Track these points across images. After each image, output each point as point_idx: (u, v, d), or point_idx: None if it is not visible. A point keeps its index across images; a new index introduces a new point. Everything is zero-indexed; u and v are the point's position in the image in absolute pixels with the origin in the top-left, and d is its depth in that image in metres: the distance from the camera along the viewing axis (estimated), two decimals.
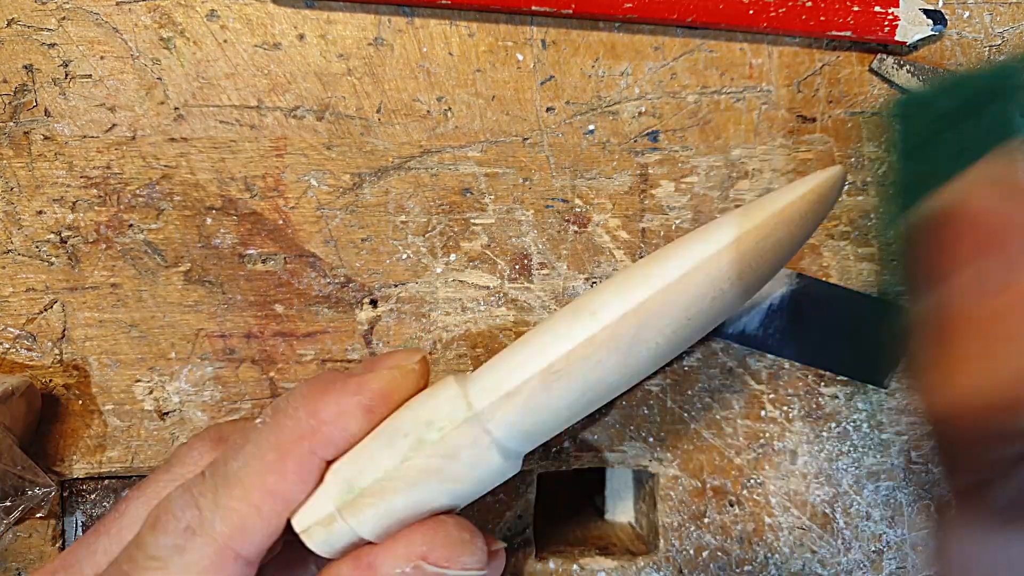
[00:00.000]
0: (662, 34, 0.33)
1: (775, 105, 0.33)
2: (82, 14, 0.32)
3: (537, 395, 0.23)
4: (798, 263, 0.34)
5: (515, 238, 0.34)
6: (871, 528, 0.35)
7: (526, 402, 0.23)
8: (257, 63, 0.32)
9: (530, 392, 0.23)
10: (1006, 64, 0.19)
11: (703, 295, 0.22)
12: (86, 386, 0.33)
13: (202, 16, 0.32)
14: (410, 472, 0.23)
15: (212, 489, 0.22)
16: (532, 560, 0.35)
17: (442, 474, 0.23)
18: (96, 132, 0.32)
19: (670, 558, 0.35)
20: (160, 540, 0.22)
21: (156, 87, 0.32)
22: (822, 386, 0.35)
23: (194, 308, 0.33)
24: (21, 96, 0.32)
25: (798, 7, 0.32)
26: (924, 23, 0.32)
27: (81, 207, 0.33)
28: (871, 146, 0.34)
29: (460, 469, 0.23)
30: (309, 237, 0.33)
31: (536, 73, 0.33)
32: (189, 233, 0.33)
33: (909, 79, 0.33)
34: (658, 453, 0.35)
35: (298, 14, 0.32)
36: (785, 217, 0.22)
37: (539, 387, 0.23)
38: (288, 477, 0.23)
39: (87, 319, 0.33)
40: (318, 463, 0.23)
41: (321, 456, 0.23)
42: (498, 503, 0.35)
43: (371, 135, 0.33)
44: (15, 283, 0.33)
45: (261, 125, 0.33)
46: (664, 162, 0.34)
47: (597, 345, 0.23)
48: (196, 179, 0.33)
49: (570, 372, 0.23)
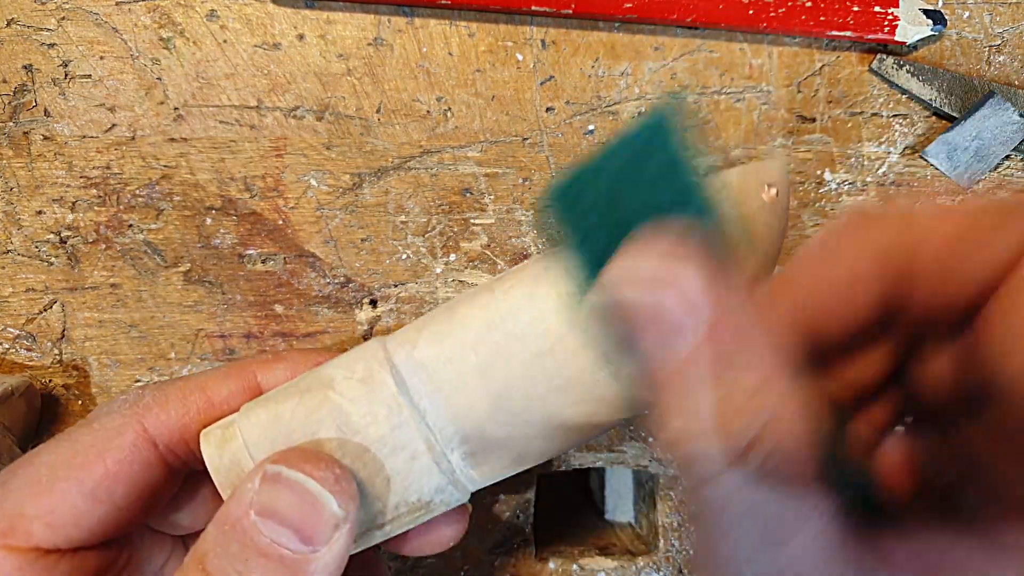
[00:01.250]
0: (662, 34, 0.33)
1: (775, 105, 0.33)
2: (82, 14, 0.32)
3: (439, 318, 0.23)
4: None
5: (515, 238, 0.34)
6: None
7: (425, 324, 0.23)
8: (257, 63, 0.32)
9: (432, 317, 0.23)
10: (655, 111, 0.17)
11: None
12: (86, 386, 0.33)
13: (202, 16, 0.32)
14: (303, 381, 0.23)
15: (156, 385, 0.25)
16: (532, 560, 0.35)
17: (333, 387, 0.23)
18: (96, 132, 0.32)
19: (670, 558, 0.35)
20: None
21: (156, 87, 0.32)
22: None
23: (194, 308, 0.33)
24: (21, 96, 0.32)
25: (798, 7, 0.32)
26: (924, 23, 0.32)
27: (81, 207, 0.33)
28: (871, 146, 0.34)
29: (352, 387, 0.23)
30: (309, 237, 0.33)
31: (536, 73, 0.33)
32: (189, 233, 0.33)
33: (909, 79, 0.33)
34: (658, 453, 0.35)
35: (298, 14, 0.32)
36: None
37: (442, 311, 0.23)
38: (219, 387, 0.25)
39: (87, 319, 0.33)
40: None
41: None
42: (498, 503, 0.35)
43: (371, 135, 0.33)
44: (15, 283, 0.33)
45: (261, 125, 0.33)
46: None
47: (506, 282, 0.23)
48: (196, 179, 0.33)
49: (463, 298, 0.23)
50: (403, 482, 0.23)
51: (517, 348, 0.22)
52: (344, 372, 0.23)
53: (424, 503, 0.23)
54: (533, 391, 0.22)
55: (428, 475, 0.23)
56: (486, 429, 0.23)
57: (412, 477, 0.23)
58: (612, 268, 0.16)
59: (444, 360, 0.22)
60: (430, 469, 0.23)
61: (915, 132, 0.34)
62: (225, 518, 0.21)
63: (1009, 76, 0.33)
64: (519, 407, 0.22)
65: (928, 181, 0.34)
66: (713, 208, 0.17)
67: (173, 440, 0.24)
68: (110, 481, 0.22)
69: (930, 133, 0.34)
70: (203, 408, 0.24)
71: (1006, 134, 0.32)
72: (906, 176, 0.34)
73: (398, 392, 0.22)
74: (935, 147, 0.33)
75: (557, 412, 0.22)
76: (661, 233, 0.16)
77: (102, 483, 0.22)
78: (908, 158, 0.34)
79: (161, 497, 0.25)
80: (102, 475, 0.22)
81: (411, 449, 0.22)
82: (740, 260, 0.17)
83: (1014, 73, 0.33)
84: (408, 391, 0.22)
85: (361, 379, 0.23)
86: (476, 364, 0.22)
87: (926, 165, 0.34)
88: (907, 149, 0.34)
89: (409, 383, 0.23)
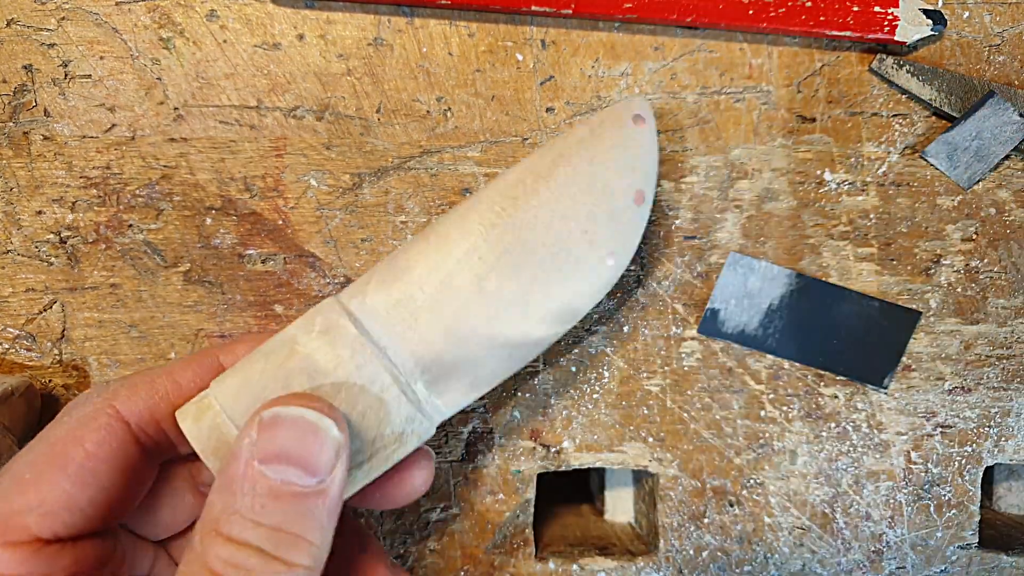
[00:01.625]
0: (662, 34, 0.33)
1: (775, 105, 0.33)
2: (81, 14, 0.32)
3: (383, 269, 0.26)
4: (797, 263, 0.34)
5: None
6: (871, 528, 0.35)
7: (371, 277, 0.26)
8: (257, 63, 0.32)
9: (375, 270, 0.26)
10: None
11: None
12: (86, 386, 0.33)
13: (202, 16, 0.32)
14: (266, 346, 0.25)
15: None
16: (532, 560, 0.35)
17: (296, 342, 0.25)
18: (95, 132, 0.32)
19: (670, 558, 0.35)
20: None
21: (156, 87, 0.32)
22: (822, 386, 0.35)
23: (194, 308, 0.33)
24: (21, 96, 0.32)
25: (798, 7, 0.32)
26: (924, 23, 0.32)
27: (81, 207, 0.33)
28: (871, 146, 0.34)
29: (315, 339, 0.25)
30: (309, 237, 0.33)
31: (536, 73, 0.33)
32: (189, 233, 0.33)
33: (909, 79, 0.33)
34: (658, 453, 0.35)
35: (298, 14, 0.32)
36: None
37: (384, 264, 0.26)
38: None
39: (87, 319, 0.33)
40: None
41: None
42: (498, 503, 0.35)
43: (371, 135, 0.33)
44: (14, 283, 0.33)
45: (261, 125, 0.33)
46: (664, 162, 0.34)
47: (440, 226, 0.27)
48: (196, 179, 0.33)
49: (401, 250, 0.27)
50: (376, 415, 0.25)
51: (458, 279, 0.26)
52: (304, 328, 0.25)
53: (397, 435, 0.25)
54: (476, 317, 0.26)
55: (397, 405, 0.25)
56: (442, 357, 0.26)
57: (384, 409, 0.25)
58: None
59: (394, 302, 0.25)
60: (398, 399, 0.25)
61: (915, 132, 0.34)
62: (228, 479, 0.21)
63: (1009, 76, 0.33)
64: (468, 331, 0.26)
65: (928, 181, 0.34)
66: None
67: (144, 420, 0.24)
68: (92, 462, 0.23)
69: (930, 133, 0.34)
70: (171, 390, 0.25)
71: (1006, 134, 0.32)
72: (906, 176, 0.34)
73: (359, 334, 0.25)
74: (935, 147, 0.33)
75: (501, 330, 0.26)
76: None
77: (85, 465, 0.23)
78: (908, 158, 0.34)
79: (142, 483, 0.25)
80: (83, 458, 0.23)
81: (379, 383, 0.25)
82: None
83: (1014, 73, 0.33)
84: (367, 332, 0.25)
85: (322, 330, 0.25)
86: (424, 301, 0.26)
87: (926, 165, 0.34)
88: (907, 149, 0.34)
89: (367, 326, 0.25)
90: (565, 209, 0.27)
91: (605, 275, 0.28)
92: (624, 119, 0.28)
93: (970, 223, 0.34)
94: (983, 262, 0.34)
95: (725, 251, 0.34)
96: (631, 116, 0.28)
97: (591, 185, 0.27)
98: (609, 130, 0.28)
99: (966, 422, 0.35)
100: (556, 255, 0.26)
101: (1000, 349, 0.34)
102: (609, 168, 0.27)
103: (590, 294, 0.28)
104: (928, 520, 0.35)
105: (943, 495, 0.35)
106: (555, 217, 0.27)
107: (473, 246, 0.26)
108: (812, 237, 0.34)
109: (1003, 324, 0.34)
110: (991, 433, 0.35)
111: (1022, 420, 0.35)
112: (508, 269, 0.26)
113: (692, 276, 0.34)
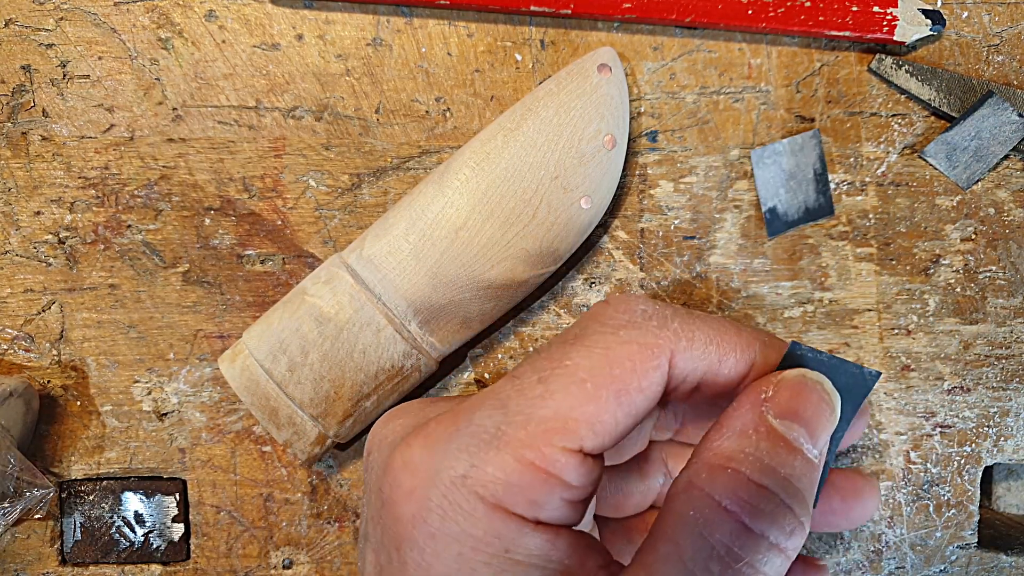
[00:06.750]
0: (661, 34, 0.33)
1: (774, 105, 0.33)
2: (80, 14, 0.32)
3: (377, 226, 0.30)
4: (797, 263, 0.34)
5: None
6: (870, 528, 0.35)
7: (367, 233, 0.30)
8: (255, 63, 0.32)
9: (371, 227, 0.30)
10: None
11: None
12: (84, 387, 0.33)
13: (200, 16, 0.32)
14: (286, 296, 0.30)
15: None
16: None
17: (306, 292, 0.30)
18: (94, 132, 0.32)
19: None
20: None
21: (154, 87, 0.32)
22: None
23: (192, 309, 0.33)
24: (19, 96, 0.32)
25: (797, 7, 0.32)
26: (923, 23, 0.32)
27: (79, 208, 0.33)
28: (870, 146, 0.34)
29: (320, 288, 0.29)
30: (308, 238, 0.33)
31: (535, 73, 0.33)
32: (187, 234, 0.33)
33: (908, 79, 0.33)
34: None
35: (296, 14, 0.32)
36: None
37: (378, 221, 0.30)
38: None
39: (85, 320, 0.33)
40: None
41: None
42: None
43: (370, 135, 0.33)
44: (13, 284, 0.33)
45: (259, 125, 0.33)
46: (663, 162, 0.34)
47: (422, 185, 0.30)
48: (194, 179, 0.33)
49: (391, 208, 0.30)
50: (376, 352, 0.29)
51: (437, 230, 0.29)
52: (312, 280, 0.30)
53: (397, 368, 0.30)
54: (459, 260, 0.29)
55: (394, 343, 0.29)
56: (431, 299, 0.29)
57: (382, 347, 0.29)
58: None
59: (385, 253, 0.29)
60: (394, 337, 0.29)
61: (914, 132, 0.34)
62: (742, 423, 0.21)
63: (1008, 76, 0.33)
64: (451, 276, 0.29)
65: (927, 181, 0.34)
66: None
67: (679, 379, 0.23)
68: (640, 398, 0.22)
69: (929, 133, 0.34)
70: (719, 358, 0.23)
71: (1005, 134, 0.32)
72: (905, 176, 0.34)
73: (355, 282, 0.29)
74: (934, 147, 0.33)
75: (482, 274, 0.29)
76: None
77: (635, 399, 0.22)
78: (907, 158, 0.34)
79: (644, 438, 0.26)
80: (635, 390, 0.22)
81: (375, 324, 0.29)
82: None
83: (1013, 73, 0.33)
84: (363, 281, 0.29)
85: (325, 281, 0.29)
86: (410, 250, 0.29)
87: (925, 165, 0.34)
88: (906, 149, 0.34)
89: (363, 275, 0.29)
90: (534, 159, 0.29)
91: (582, 217, 0.30)
92: (589, 69, 0.30)
93: (969, 223, 0.34)
94: (982, 262, 0.34)
95: (725, 251, 0.34)
96: (596, 65, 0.30)
97: (559, 134, 0.29)
98: (575, 81, 0.29)
99: (965, 422, 0.35)
100: (529, 201, 0.29)
101: (999, 349, 0.34)
102: (575, 116, 0.29)
103: (568, 236, 0.30)
104: (927, 520, 0.35)
105: (942, 495, 0.35)
106: (525, 167, 0.29)
107: (449, 201, 0.29)
108: (811, 237, 0.34)
109: (1002, 324, 0.34)
110: (990, 433, 0.35)
111: (1021, 420, 0.35)
112: (481, 218, 0.29)
113: (691, 276, 0.34)
